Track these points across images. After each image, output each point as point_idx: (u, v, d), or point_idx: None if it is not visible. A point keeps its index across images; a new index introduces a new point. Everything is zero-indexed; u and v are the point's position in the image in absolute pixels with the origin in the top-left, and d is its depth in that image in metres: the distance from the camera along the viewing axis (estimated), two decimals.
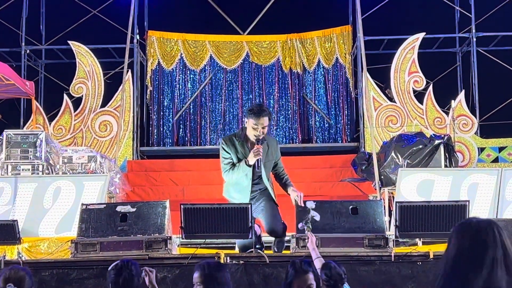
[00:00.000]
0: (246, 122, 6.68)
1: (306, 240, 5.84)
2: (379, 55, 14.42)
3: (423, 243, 7.52)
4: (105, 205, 6.48)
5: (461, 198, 8.11)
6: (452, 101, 12.87)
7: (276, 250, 6.65)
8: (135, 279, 4.45)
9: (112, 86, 13.62)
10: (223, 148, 6.78)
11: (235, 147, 6.71)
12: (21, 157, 10.19)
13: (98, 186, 8.53)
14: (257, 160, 6.56)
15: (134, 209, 6.20)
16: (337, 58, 14.52)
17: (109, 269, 4.51)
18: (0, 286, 4.13)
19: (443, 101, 13.19)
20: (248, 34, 14.79)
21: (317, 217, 6.20)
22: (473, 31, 13.71)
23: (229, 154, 6.72)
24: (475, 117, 13.20)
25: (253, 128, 6.58)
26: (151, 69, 14.53)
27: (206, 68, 14.70)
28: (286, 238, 6.73)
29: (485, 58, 13.89)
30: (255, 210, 6.60)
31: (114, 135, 13.08)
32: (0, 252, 7.29)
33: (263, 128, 6.57)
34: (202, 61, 14.62)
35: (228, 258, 5.95)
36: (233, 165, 6.70)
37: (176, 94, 14.65)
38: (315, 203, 6.28)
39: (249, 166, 6.59)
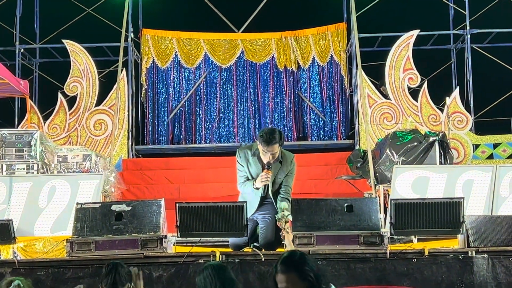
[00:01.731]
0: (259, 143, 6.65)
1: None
2: (373, 53, 14.42)
3: (418, 240, 7.54)
4: (100, 204, 6.47)
5: (456, 195, 8.12)
6: (447, 98, 12.89)
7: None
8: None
9: (106, 84, 13.60)
10: (237, 161, 6.82)
11: (248, 161, 6.72)
12: (16, 156, 10.17)
13: (93, 185, 8.51)
14: (264, 186, 6.60)
15: (129, 208, 6.20)
16: (331, 56, 14.52)
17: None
18: None
19: (438, 98, 13.22)
20: (242, 32, 14.78)
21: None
22: (468, 28, 13.72)
23: (243, 166, 6.75)
24: (470, 114, 13.22)
25: (263, 154, 6.58)
26: (146, 67, 14.51)
27: (201, 66, 14.69)
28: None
29: (480, 55, 13.91)
30: (259, 216, 6.66)
31: (109, 134, 13.07)
32: None
33: (272, 154, 6.54)
34: (197, 59, 14.61)
35: (223, 256, 5.95)
36: (247, 178, 6.74)
37: (170, 92, 14.63)
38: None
39: (257, 189, 6.64)
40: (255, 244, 6.61)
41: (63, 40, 13.62)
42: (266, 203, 6.77)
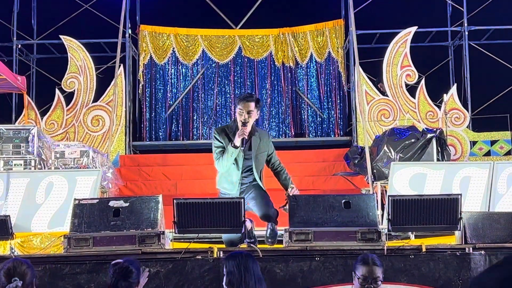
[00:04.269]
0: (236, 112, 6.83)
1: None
2: (371, 49, 14.43)
3: (416, 236, 7.55)
4: (97, 200, 6.46)
5: (454, 192, 8.12)
6: (444, 94, 12.90)
7: (269, 241, 6.67)
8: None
9: (104, 80, 13.59)
10: (215, 138, 6.87)
11: (228, 137, 6.78)
12: (13, 152, 10.16)
13: (90, 181, 8.51)
14: (243, 140, 6.67)
15: (127, 204, 6.19)
16: (329, 52, 14.53)
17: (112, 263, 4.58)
18: (2, 280, 4.12)
19: (435, 95, 13.23)
20: (240, 28, 14.78)
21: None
22: (465, 24, 13.73)
23: (221, 143, 6.80)
24: (467, 110, 13.23)
25: (239, 113, 6.73)
26: (143, 63, 14.50)
27: (199, 62, 14.68)
28: (279, 232, 6.74)
29: (477, 52, 13.92)
30: (246, 201, 6.64)
31: (107, 130, 13.06)
32: None
33: (248, 113, 6.68)
34: (195, 55, 14.60)
35: (221, 252, 5.95)
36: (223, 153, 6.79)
37: (168, 88, 14.63)
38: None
39: (236, 147, 6.68)
40: (249, 240, 6.62)
41: (61, 36, 13.60)
42: (246, 184, 6.82)
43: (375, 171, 10.31)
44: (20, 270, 4.16)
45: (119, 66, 12.57)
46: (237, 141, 6.66)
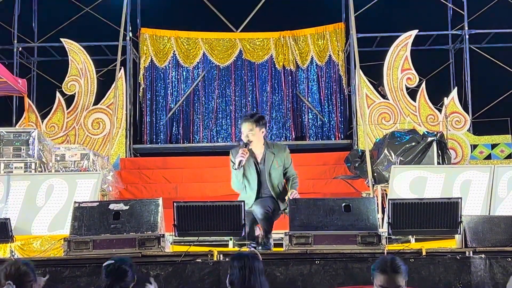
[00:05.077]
0: None
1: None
2: (372, 52, 14.42)
3: (416, 240, 7.54)
4: (98, 203, 6.46)
5: (454, 195, 8.13)
6: (445, 98, 12.90)
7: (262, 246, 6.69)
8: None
9: (105, 83, 13.59)
10: (230, 160, 7.00)
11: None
12: (14, 155, 10.16)
13: (91, 184, 8.52)
14: (240, 162, 6.73)
15: (127, 207, 6.20)
16: (330, 56, 14.53)
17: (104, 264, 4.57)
18: (1, 282, 4.12)
19: (436, 98, 13.22)
20: (241, 31, 14.78)
21: None
22: (466, 28, 13.73)
23: (234, 163, 6.88)
24: (468, 114, 13.22)
25: (242, 133, 6.88)
26: (144, 66, 14.51)
27: (199, 65, 14.68)
28: (279, 236, 6.76)
29: (478, 55, 13.92)
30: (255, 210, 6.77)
31: (107, 133, 13.06)
32: None
33: (248, 133, 6.80)
34: (195, 58, 14.61)
35: (221, 255, 5.95)
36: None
37: (169, 91, 14.63)
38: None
39: (235, 169, 6.78)
40: (252, 244, 6.63)
41: (61, 39, 13.60)
42: (264, 197, 6.88)
43: (375, 174, 10.30)
44: (18, 273, 4.16)
45: (120, 69, 12.58)
46: (236, 162, 6.75)
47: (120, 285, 4.49)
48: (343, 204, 6.19)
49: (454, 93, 13.25)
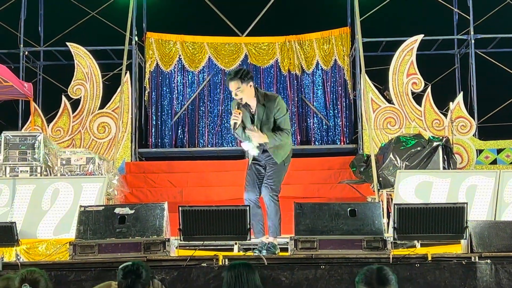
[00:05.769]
0: None
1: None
2: (377, 57, 14.41)
3: (422, 245, 7.52)
4: (103, 207, 6.48)
5: (460, 200, 8.11)
6: (451, 103, 12.88)
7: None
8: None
9: (110, 87, 13.61)
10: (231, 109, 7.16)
11: (238, 107, 6.95)
12: (20, 159, 10.19)
13: (96, 188, 8.54)
14: (234, 124, 6.82)
15: (132, 211, 6.21)
16: (335, 60, 14.52)
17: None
18: (16, 286, 4.20)
19: (442, 103, 13.20)
20: (246, 35, 14.79)
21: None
22: (472, 33, 13.71)
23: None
24: (474, 119, 13.20)
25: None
26: (150, 70, 14.52)
27: (205, 69, 14.69)
28: (284, 240, 6.75)
29: (484, 60, 13.89)
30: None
31: (113, 137, 13.08)
32: None
33: (236, 91, 6.80)
34: (201, 62, 14.62)
35: (226, 260, 5.95)
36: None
37: (174, 95, 14.64)
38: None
39: (233, 128, 6.89)
40: (257, 249, 6.63)
41: (67, 43, 13.63)
42: (264, 160, 7.08)
43: (381, 179, 10.29)
44: (32, 277, 4.23)
45: (126, 73, 12.59)
46: (231, 125, 6.88)
47: (141, 283, 4.54)
48: (349, 209, 6.19)
49: (459, 97, 13.23)
